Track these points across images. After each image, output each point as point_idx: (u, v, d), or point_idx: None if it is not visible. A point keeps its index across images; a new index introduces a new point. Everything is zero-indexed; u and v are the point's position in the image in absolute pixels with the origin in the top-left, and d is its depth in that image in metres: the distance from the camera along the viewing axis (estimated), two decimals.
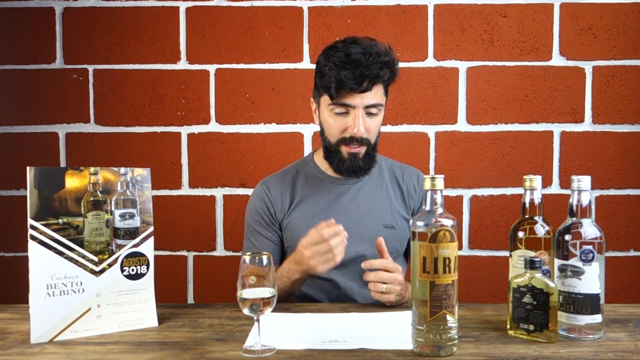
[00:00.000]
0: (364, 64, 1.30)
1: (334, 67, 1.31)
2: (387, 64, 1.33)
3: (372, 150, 1.41)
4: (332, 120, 1.38)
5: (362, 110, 1.34)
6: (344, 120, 1.36)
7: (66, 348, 1.00)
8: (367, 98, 1.33)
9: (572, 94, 1.96)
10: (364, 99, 1.33)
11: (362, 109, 1.34)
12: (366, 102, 1.33)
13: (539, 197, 1.08)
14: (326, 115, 1.39)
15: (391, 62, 1.34)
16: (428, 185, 0.95)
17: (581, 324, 1.01)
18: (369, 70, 1.30)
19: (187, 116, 1.99)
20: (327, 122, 1.40)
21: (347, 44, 1.35)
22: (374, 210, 1.45)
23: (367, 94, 1.33)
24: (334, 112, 1.37)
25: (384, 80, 1.34)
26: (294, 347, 0.98)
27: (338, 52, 1.33)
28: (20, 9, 1.98)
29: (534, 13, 1.95)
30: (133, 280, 1.13)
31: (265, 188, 1.49)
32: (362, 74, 1.30)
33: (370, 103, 1.34)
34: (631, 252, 1.98)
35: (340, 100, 1.34)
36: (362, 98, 1.33)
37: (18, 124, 2.00)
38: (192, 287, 2.02)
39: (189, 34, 1.98)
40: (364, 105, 1.34)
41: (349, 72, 1.30)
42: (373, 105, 1.35)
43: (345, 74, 1.30)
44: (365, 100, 1.33)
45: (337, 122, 1.37)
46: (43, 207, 1.05)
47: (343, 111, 1.36)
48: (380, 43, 1.37)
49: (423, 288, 0.92)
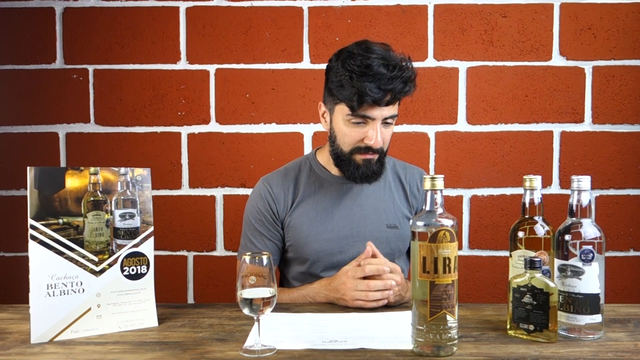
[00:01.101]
0: (387, 77, 1.27)
1: (356, 78, 1.27)
2: (411, 79, 1.32)
3: (383, 157, 1.41)
4: (348, 129, 1.35)
5: (380, 122, 1.33)
6: (362, 130, 1.34)
7: (66, 348, 1.00)
8: (385, 111, 1.32)
9: (572, 94, 1.96)
10: (383, 112, 1.32)
11: (380, 121, 1.33)
12: (385, 115, 1.32)
13: (539, 197, 1.08)
14: (341, 124, 1.36)
15: (414, 77, 1.33)
16: (428, 185, 0.95)
17: (581, 324, 1.01)
18: (393, 85, 1.27)
19: (187, 116, 1.99)
20: (341, 131, 1.37)
21: (365, 51, 1.31)
22: (377, 210, 1.45)
23: (386, 108, 1.32)
24: (351, 122, 1.34)
25: (407, 94, 1.33)
26: (294, 347, 0.98)
27: (357, 61, 1.29)
28: (20, 9, 1.98)
29: (534, 13, 1.95)
30: (133, 280, 1.13)
31: (267, 186, 1.47)
32: (386, 88, 1.27)
33: (389, 115, 1.33)
34: (631, 252, 1.98)
35: (360, 112, 1.31)
36: (382, 110, 1.31)
37: (18, 124, 2.00)
38: (192, 287, 2.02)
39: (189, 34, 1.98)
40: (383, 118, 1.33)
41: (373, 86, 1.26)
42: (391, 116, 1.34)
43: (369, 87, 1.26)
44: (384, 113, 1.32)
45: (354, 132, 1.35)
46: (43, 207, 1.05)
47: (361, 121, 1.33)
48: (398, 53, 1.35)
49: (423, 288, 0.92)
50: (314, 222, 1.43)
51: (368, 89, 1.26)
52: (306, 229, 1.43)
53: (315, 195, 1.46)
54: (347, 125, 1.35)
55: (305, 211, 1.44)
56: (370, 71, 1.27)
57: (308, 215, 1.44)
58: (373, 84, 1.26)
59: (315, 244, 1.41)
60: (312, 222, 1.43)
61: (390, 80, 1.27)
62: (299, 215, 1.44)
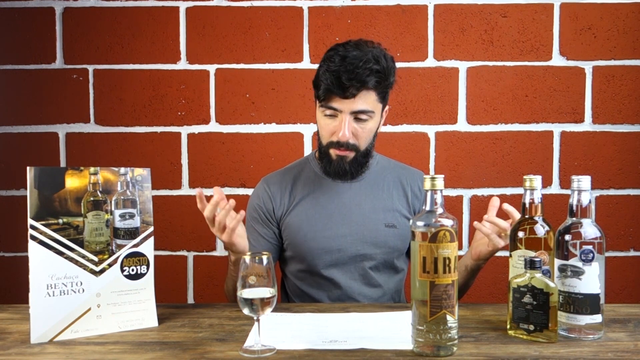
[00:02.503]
0: (350, 70, 1.29)
1: (322, 71, 1.33)
2: (377, 71, 1.31)
3: (361, 156, 1.40)
4: (322, 122, 1.39)
5: (349, 115, 1.33)
6: (333, 123, 1.36)
7: (66, 348, 1.00)
8: (354, 104, 1.32)
9: (572, 94, 1.96)
10: (351, 105, 1.32)
11: (348, 115, 1.33)
12: (353, 108, 1.32)
13: (539, 197, 1.08)
14: (319, 117, 1.40)
15: (382, 70, 1.32)
16: (428, 185, 0.95)
17: (581, 324, 1.01)
18: (355, 77, 1.29)
19: (187, 116, 1.99)
20: (319, 124, 1.41)
21: (344, 47, 1.34)
22: (376, 209, 1.45)
23: (355, 100, 1.31)
24: (324, 114, 1.38)
25: (372, 87, 1.32)
26: (294, 347, 0.98)
27: (327, 55, 1.35)
28: (20, 9, 1.98)
29: (534, 13, 1.95)
30: (133, 280, 1.13)
31: (265, 185, 1.50)
32: (348, 79, 1.29)
33: (357, 109, 1.33)
34: (631, 252, 1.98)
35: (327, 104, 1.34)
36: (349, 104, 1.32)
37: (18, 124, 2.00)
38: (192, 287, 2.02)
39: (189, 34, 1.98)
40: (350, 111, 1.33)
41: (335, 78, 1.30)
42: (361, 111, 1.33)
43: (331, 79, 1.30)
44: (352, 106, 1.32)
45: (327, 124, 1.38)
46: (43, 207, 1.05)
47: (331, 114, 1.36)
48: (378, 48, 1.35)
49: (423, 288, 0.92)
50: (312, 221, 1.43)
51: (330, 80, 1.30)
52: (304, 227, 1.43)
53: (314, 194, 1.46)
54: (322, 117, 1.39)
55: (304, 210, 1.45)
56: (334, 64, 1.31)
57: (306, 213, 1.44)
58: (335, 76, 1.29)
59: (313, 242, 1.42)
60: (310, 220, 1.43)
61: (352, 72, 1.28)
62: (297, 214, 1.45)
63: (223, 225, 1.20)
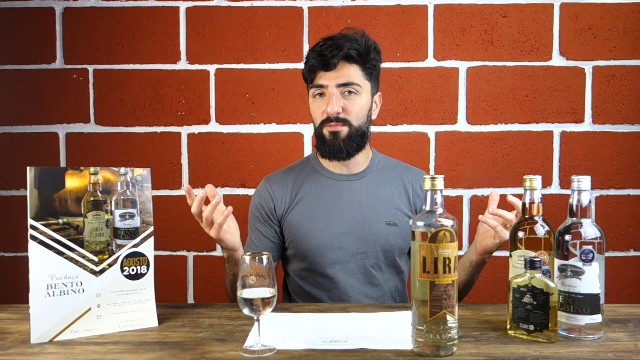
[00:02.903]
0: (330, 45, 1.36)
1: (310, 51, 1.41)
2: (355, 42, 1.37)
3: (355, 133, 1.41)
4: (313, 105, 1.43)
5: (336, 89, 1.38)
6: (322, 101, 1.40)
7: (66, 348, 1.00)
8: (337, 76, 1.37)
9: (572, 94, 1.96)
10: (336, 78, 1.37)
11: (335, 88, 1.37)
12: (338, 81, 1.37)
13: (539, 197, 1.08)
14: (311, 102, 1.44)
15: (361, 44, 1.37)
16: (428, 185, 0.95)
17: (581, 324, 1.01)
18: (335, 47, 1.35)
19: (187, 116, 1.99)
20: (312, 109, 1.45)
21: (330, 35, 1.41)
22: (377, 207, 1.45)
23: (338, 73, 1.37)
24: (314, 96, 1.42)
25: (351, 56, 1.36)
26: (294, 347, 0.98)
27: (319, 41, 1.41)
28: (20, 9, 1.98)
29: (534, 13, 1.95)
30: (133, 280, 1.13)
31: (267, 184, 1.51)
32: (329, 51, 1.35)
33: (341, 82, 1.37)
34: (631, 252, 1.98)
35: (314, 82, 1.40)
36: (333, 77, 1.37)
37: (18, 124, 2.00)
38: (192, 287, 2.02)
39: (189, 34, 1.98)
40: (336, 84, 1.37)
41: (317, 54, 1.37)
42: (346, 83, 1.38)
43: (314, 55, 1.38)
44: (337, 79, 1.37)
45: (317, 106, 1.42)
46: (43, 207, 1.05)
47: (320, 92, 1.40)
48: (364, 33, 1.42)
49: (423, 288, 0.92)
50: (313, 218, 1.43)
51: (313, 57, 1.38)
52: (305, 225, 1.43)
53: (315, 192, 1.47)
54: (313, 101, 1.44)
55: (305, 208, 1.45)
56: (317, 46, 1.40)
57: (307, 211, 1.44)
58: (317, 52, 1.38)
59: (314, 239, 1.42)
60: (311, 218, 1.44)
61: (329, 47, 1.36)
62: (299, 212, 1.45)
63: (210, 221, 1.22)
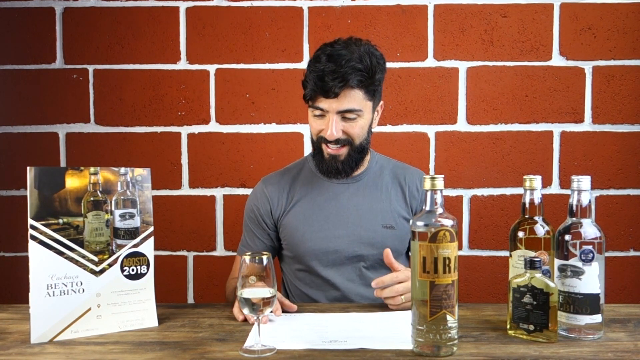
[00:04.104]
0: (333, 70, 1.28)
1: (312, 71, 1.32)
2: (359, 70, 1.29)
3: (355, 152, 1.39)
4: (312, 122, 1.40)
5: (336, 115, 1.33)
6: (321, 122, 1.37)
7: (66, 348, 1.00)
8: (339, 103, 1.31)
9: (572, 94, 1.96)
10: (337, 105, 1.31)
11: (335, 114, 1.32)
12: (339, 108, 1.32)
13: (539, 197, 1.08)
14: (309, 115, 1.41)
15: (365, 69, 1.30)
16: (428, 185, 0.95)
17: (581, 324, 1.01)
18: (338, 76, 1.28)
19: (187, 116, 1.99)
20: (310, 124, 1.42)
21: (332, 46, 1.34)
22: (373, 210, 1.45)
23: (339, 100, 1.30)
24: (313, 115, 1.38)
25: (356, 86, 1.30)
26: (294, 347, 0.98)
27: (320, 55, 1.33)
28: (20, 9, 1.98)
29: (534, 13, 1.95)
30: (133, 280, 1.13)
31: (263, 186, 1.51)
32: (331, 79, 1.28)
33: (343, 109, 1.32)
34: (631, 252, 1.98)
35: (314, 104, 1.34)
36: (334, 103, 1.31)
37: (18, 124, 2.00)
38: (192, 287, 2.02)
39: (189, 34, 1.98)
40: (336, 111, 1.32)
41: (318, 78, 1.29)
42: (347, 110, 1.32)
43: (316, 79, 1.30)
44: (338, 106, 1.31)
45: (316, 124, 1.38)
46: (43, 207, 1.05)
47: (319, 114, 1.36)
48: (367, 46, 1.34)
49: (423, 288, 0.92)
50: (310, 221, 1.43)
51: (314, 81, 1.30)
52: (301, 228, 1.43)
53: (312, 194, 1.46)
54: (312, 118, 1.39)
55: (301, 210, 1.45)
56: (319, 64, 1.31)
57: (304, 214, 1.44)
58: (318, 76, 1.30)
59: (310, 242, 1.42)
60: (307, 220, 1.43)
61: (333, 72, 1.28)
62: (295, 214, 1.45)
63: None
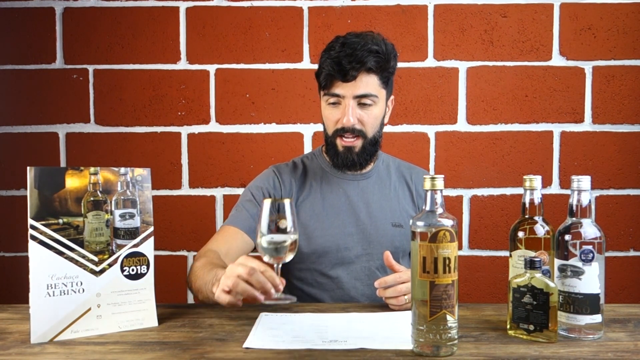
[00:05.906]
0: (349, 53, 1.30)
1: (327, 58, 1.34)
2: (376, 52, 1.31)
3: (369, 144, 1.39)
4: (327, 111, 1.39)
5: (352, 100, 1.34)
6: (337, 111, 1.37)
7: (66, 348, 0.99)
8: (356, 87, 1.33)
9: (572, 94, 1.96)
10: (353, 89, 1.33)
11: (351, 99, 1.34)
12: (355, 92, 1.33)
13: (539, 197, 1.08)
14: (323, 106, 1.41)
15: (381, 52, 1.32)
16: (428, 185, 0.95)
17: (581, 324, 1.01)
18: (354, 58, 1.30)
19: (187, 116, 1.99)
20: (324, 115, 1.41)
21: (345, 36, 1.36)
22: (383, 207, 1.44)
23: (356, 84, 1.32)
24: (328, 103, 1.38)
25: (371, 68, 1.31)
26: (294, 347, 0.98)
27: (334, 44, 1.35)
28: (20, 9, 1.98)
29: (534, 13, 1.95)
30: (133, 280, 1.13)
31: (276, 171, 1.48)
32: (348, 62, 1.30)
33: (359, 93, 1.33)
34: (631, 252, 1.98)
35: (330, 90, 1.35)
36: (351, 88, 1.33)
37: (18, 124, 2.00)
38: None
39: (189, 34, 1.98)
40: (353, 95, 1.33)
41: (335, 63, 1.31)
42: (364, 95, 1.34)
43: (332, 64, 1.31)
44: (355, 90, 1.33)
45: (331, 113, 1.38)
46: (43, 207, 1.05)
47: (335, 101, 1.36)
48: (379, 36, 1.36)
49: (423, 288, 0.92)
50: (320, 217, 1.42)
51: (330, 66, 1.32)
52: (312, 223, 1.42)
53: (322, 190, 1.45)
54: (326, 107, 1.39)
55: (312, 206, 1.44)
56: (334, 51, 1.33)
57: (314, 210, 1.43)
58: (334, 61, 1.31)
59: (321, 238, 1.40)
60: (318, 216, 1.42)
61: (350, 55, 1.30)
62: (305, 210, 1.43)
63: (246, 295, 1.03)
